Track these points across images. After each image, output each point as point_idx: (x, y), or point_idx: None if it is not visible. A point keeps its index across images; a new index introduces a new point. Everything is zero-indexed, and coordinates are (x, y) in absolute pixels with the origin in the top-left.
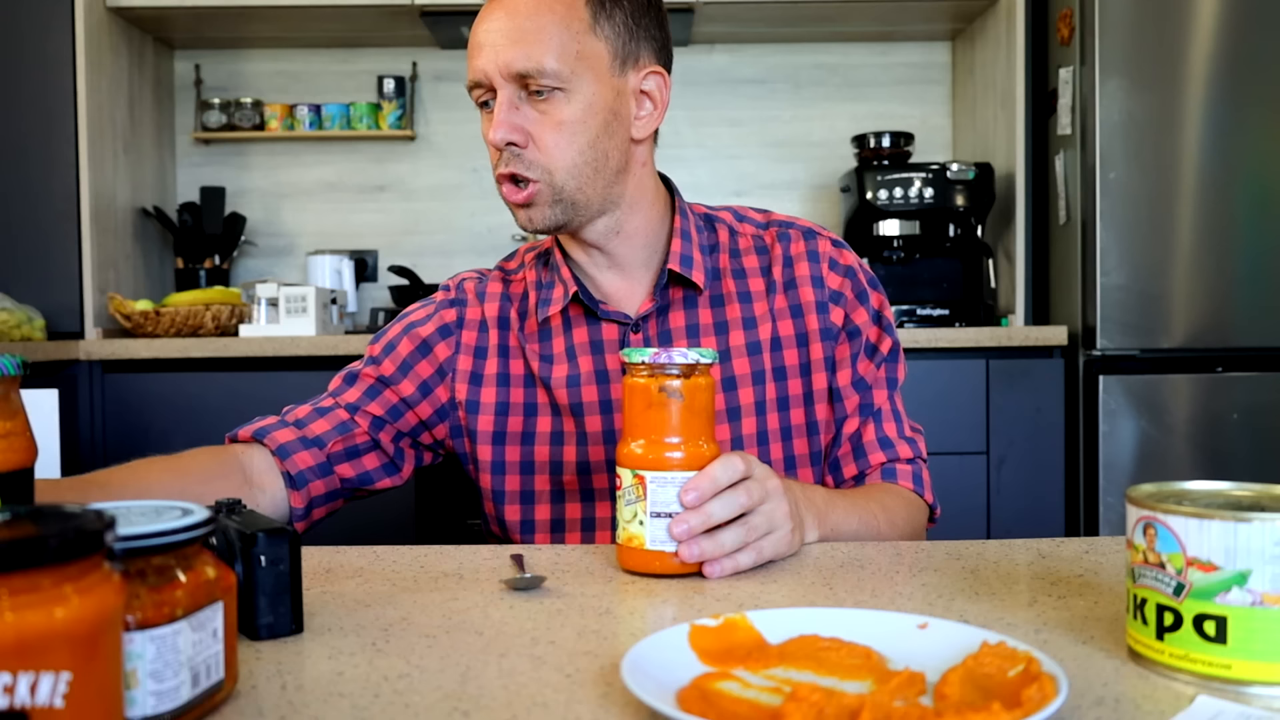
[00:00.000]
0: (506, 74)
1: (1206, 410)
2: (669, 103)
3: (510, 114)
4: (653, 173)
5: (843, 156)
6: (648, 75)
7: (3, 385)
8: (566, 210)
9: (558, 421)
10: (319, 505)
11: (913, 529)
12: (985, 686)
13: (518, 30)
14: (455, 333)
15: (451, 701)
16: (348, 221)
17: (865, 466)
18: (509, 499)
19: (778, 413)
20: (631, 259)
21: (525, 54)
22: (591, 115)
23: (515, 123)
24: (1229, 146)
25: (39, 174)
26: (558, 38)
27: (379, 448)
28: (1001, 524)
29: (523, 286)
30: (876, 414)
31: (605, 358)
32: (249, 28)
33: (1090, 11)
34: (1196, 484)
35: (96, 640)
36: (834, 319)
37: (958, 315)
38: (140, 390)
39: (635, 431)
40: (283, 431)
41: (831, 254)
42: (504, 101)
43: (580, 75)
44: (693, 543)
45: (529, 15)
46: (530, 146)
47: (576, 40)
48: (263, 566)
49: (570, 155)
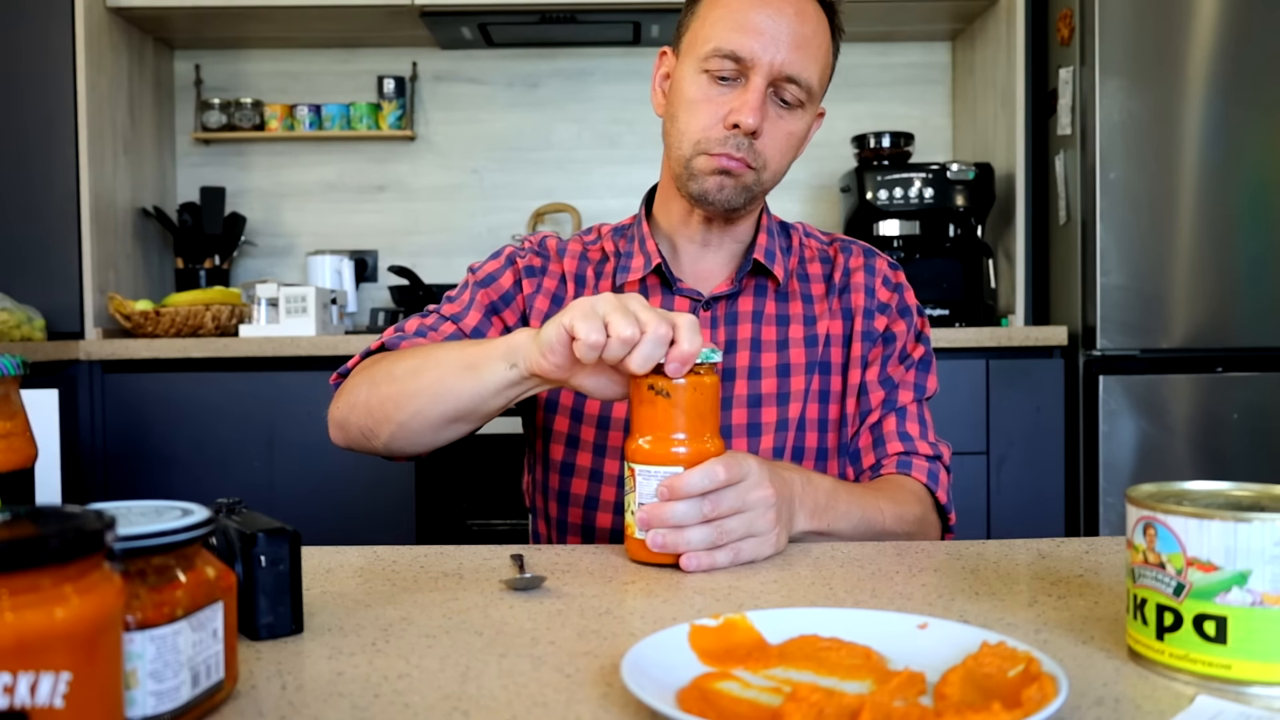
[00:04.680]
0: (778, 70)
1: (1206, 410)
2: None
3: (764, 106)
4: None
5: (843, 156)
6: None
7: (3, 385)
8: (751, 202)
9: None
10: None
11: (920, 526)
12: (985, 686)
13: (803, 37)
14: (539, 275)
15: (451, 701)
16: (348, 221)
17: (882, 455)
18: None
19: (818, 404)
20: (724, 244)
21: (804, 63)
22: (804, 135)
23: (764, 115)
24: (1229, 146)
25: (39, 174)
26: (824, 60)
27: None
28: (1001, 524)
29: (600, 254)
30: (900, 411)
31: None
32: (249, 28)
33: (1090, 11)
34: (1196, 484)
35: (96, 640)
36: (877, 325)
37: (958, 315)
38: (140, 390)
39: (642, 428)
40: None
41: (887, 272)
42: (762, 91)
43: (815, 99)
44: (656, 533)
45: (814, 29)
46: (760, 140)
47: (829, 67)
48: (263, 566)
49: (783, 164)
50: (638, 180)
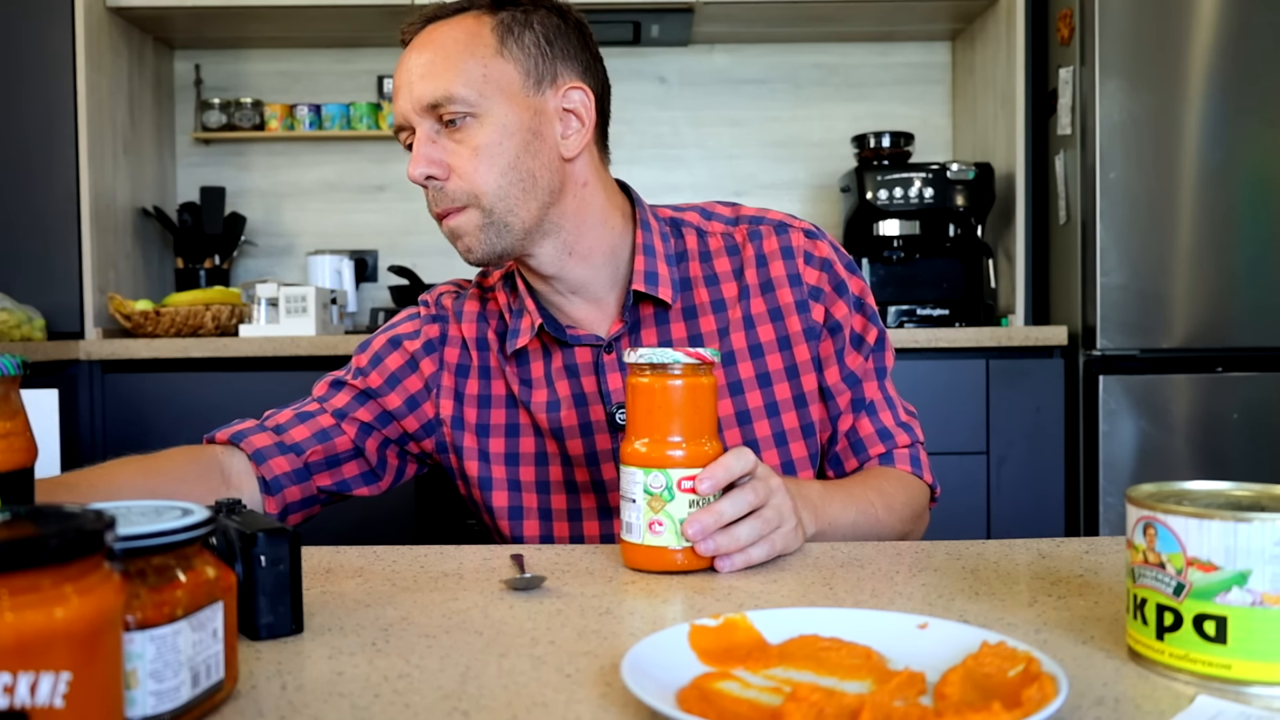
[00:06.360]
0: (419, 108)
1: (1206, 410)
2: (603, 116)
3: (428, 148)
4: (602, 189)
5: (843, 156)
6: (569, 91)
7: (3, 385)
8: (502, 236)
9: (540, 442)
10: (294, 511)
11: (912, 511)
12: (985, 686)
13: (426, 65)
14: (439, 349)
15: (451, 701)
16: (348, 221)
17: (865, 459)
18: (499, 514)
19: (767, 419)
20: (593, 281)
21: (433, 86)
22: (508, 137)
23: (433, 156)
24: (1228, 146)
25: (39, 174)
26: (463, 65)
27: (362, 455)
28: (1001, 524)
29: (498, 307)
30: (870, 406)
31: (581, 380)
32: (249, 28)
33: (1090, 11)
34: (1196, 484)
35: (96, 640)
36: (815, 317)
37: (958, 315)
38: (140, 390)
39: (638, 430)
40: (260, 436)
41: (806, 247)
42: (421, 137)
43: (490, 98)
44: (709, 539)
45: (436, 49)
46: (451, 178)
47: (483, 65)
48: (263, 566)
49: (493, 178)
50: (637, 180)
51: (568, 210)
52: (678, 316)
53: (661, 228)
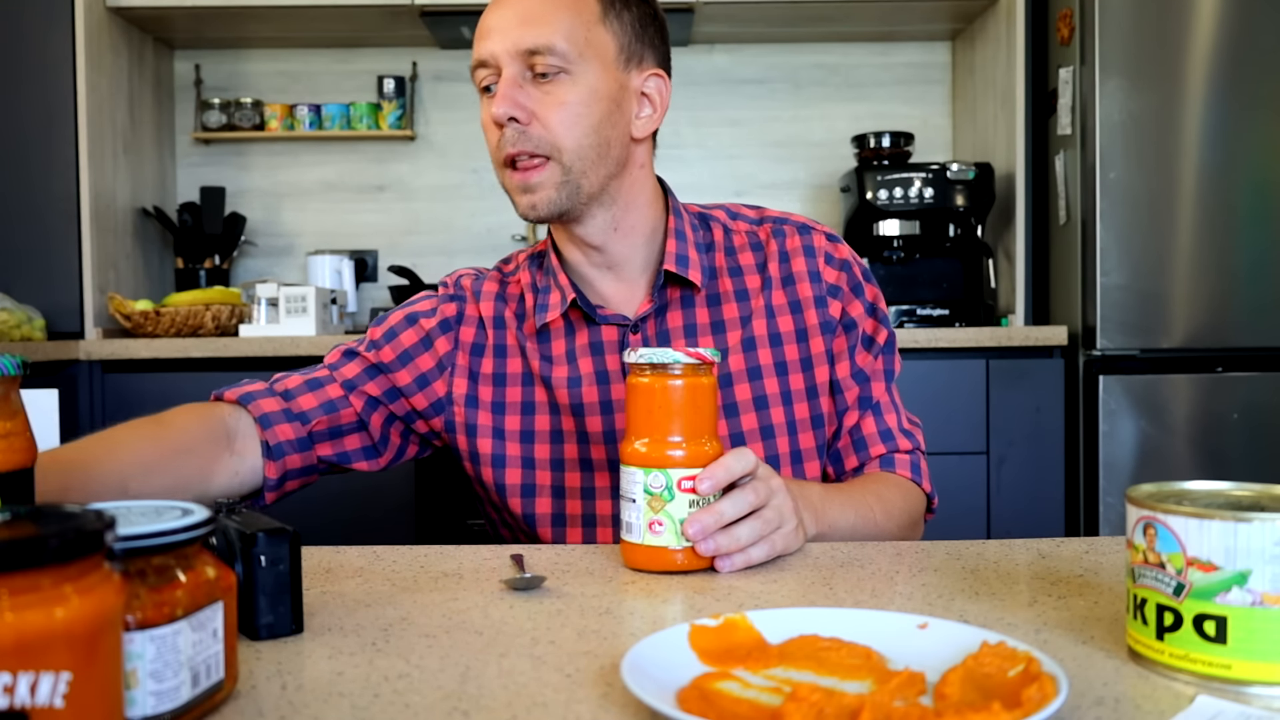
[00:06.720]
0: (515, 51)
1: (1206, 410)
2: (668, 108)
3: (514, 91)
4: (651, 175)
5: (843, 156)
6: (650, 77)
7: (3, 385)
8: (572, 195)
9: (556, 420)
10: (293, 478)
11: (910, 518)
12: (985, 686)
13: (529, 12)
14: (455, 328)
15: (451, 701)
16: (348, 221)
17: (865, 459)
18: (510, 492)
19: (782, 407)
20: (629, 259)
21: (536, 32)
22: (596, 101)
23: (519, 99)
24: (1229, 146)
25: (39, 174)
26: (568, 21)
27: (365, 429)
28: (1001, 524)
29: (519, 288)
30: (876, 406)
31: (606, 359)
32: (249, 28)
33: (1090, 11)
34: (1196, 484)
35: (96, 640)
36: (831, 312)
37: (958, 315)
38: (140, 390)
39: (638, 430)
40: (268, 400)
41: (827, 248)
42: (509, 79)
43: (587, 60)
44: (709, 539)
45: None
46: (534, 124)
47: (586, 28)
48: (263, 566)
49: (575, 135)
50: None
51: (624, 186)
52: (703, 302)
53: (691, 219)
